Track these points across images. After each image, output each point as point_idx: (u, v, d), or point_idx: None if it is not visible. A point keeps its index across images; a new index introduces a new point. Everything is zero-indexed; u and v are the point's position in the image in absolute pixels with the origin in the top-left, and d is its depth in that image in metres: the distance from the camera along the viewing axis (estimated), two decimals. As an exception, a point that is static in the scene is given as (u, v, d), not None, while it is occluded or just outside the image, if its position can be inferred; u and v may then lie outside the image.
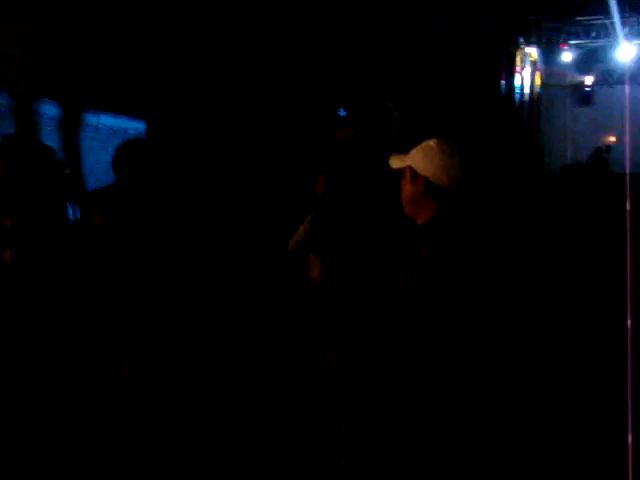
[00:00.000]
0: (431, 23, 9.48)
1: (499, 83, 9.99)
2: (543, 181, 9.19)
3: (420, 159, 2.10)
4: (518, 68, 10.10)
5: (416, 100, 9.99)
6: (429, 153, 2.10)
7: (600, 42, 9.96)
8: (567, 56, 10.22)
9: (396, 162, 2.19)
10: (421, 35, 9.74)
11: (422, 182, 2.07)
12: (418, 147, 2.15)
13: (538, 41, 10.03)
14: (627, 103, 9.66)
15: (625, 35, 9.53)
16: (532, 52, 10.12)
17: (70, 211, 3.04)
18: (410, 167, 2.10)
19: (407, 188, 2.13)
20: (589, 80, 10.50)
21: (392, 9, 9.97)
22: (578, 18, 9.70)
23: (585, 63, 10.43)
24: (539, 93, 10.34)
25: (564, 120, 10.43)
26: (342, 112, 9.86)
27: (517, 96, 10.15)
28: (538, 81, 10.38)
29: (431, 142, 2.13)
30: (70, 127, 7.79)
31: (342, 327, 2.55)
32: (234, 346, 3.86)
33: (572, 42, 10.16)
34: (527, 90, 10.16)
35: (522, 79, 10.14)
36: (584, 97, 10.50)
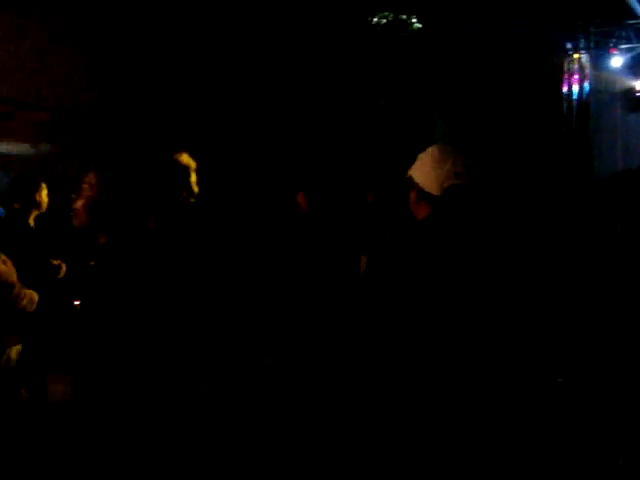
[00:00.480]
0: (475, 30, 9.39)
1: (546, 90, 9.83)
2: (592, 188, 8.98)
3: (415, 168, 2.17)
4: (566, 75, 9.92)
5: (462, 108, 9.91)
6: (422, 161, 2.18)
7: (652, 45, 9.69)
8: (617, 61, 9.96)
9: (408, 171, 2.28)
10: (465, 42, 9.66)
11: (416, 190, 2.12)
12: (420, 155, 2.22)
13: (587, 46, 9.81)
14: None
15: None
16: (580, 58, 9.91)
17: None
18: (410, 176, 2.17)
19: (410, 195, 2.20)
20: (640, 85, 10.21)
21: (435, 16, 9.93)
22: (629, 21, 9.46)
23: (636, 67, 10.15)
24: (588, 100, 10.11)
25: (614, 127, 10.17)
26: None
27: (565, 103, 9.96)
28: (587, 87, 10.16)
29: (429, 149, 2.17)
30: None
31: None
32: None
33: (622, 46, 9.90)
34: (575, 97, 9.95)
35: (570, 86, 9.94)
36: (635, 103, 10.21)
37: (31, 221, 4.59)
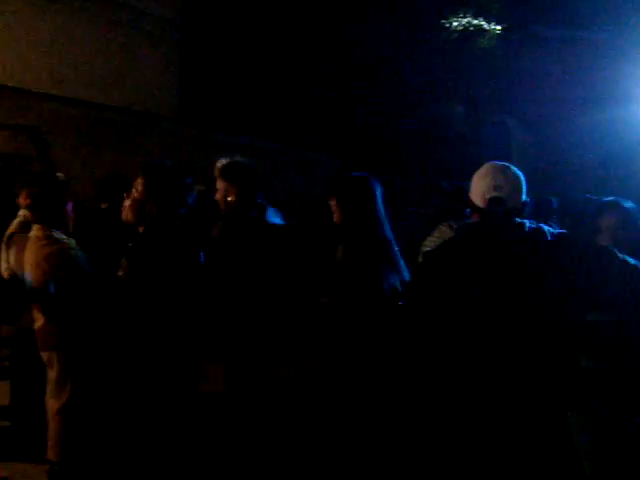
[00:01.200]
0: (550, 37, 9.19)
1: (622, 96, 9.53)
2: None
3: (471, 183, 2.28)
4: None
5: (539, 115, 9.71)
6: (474, 177, 2.31)
7: None
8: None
9: None
10: (542, 47, 9.48)
11: (469, 201, 2.29)
12: None
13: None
14: None
15: None
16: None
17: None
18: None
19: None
20: None
21: (513, 21, 9.77)
22: None
23: None
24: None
25: None
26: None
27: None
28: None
29: (483, 166, 2.28)
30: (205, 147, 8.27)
31: None
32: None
33: None
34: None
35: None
36: None
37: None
